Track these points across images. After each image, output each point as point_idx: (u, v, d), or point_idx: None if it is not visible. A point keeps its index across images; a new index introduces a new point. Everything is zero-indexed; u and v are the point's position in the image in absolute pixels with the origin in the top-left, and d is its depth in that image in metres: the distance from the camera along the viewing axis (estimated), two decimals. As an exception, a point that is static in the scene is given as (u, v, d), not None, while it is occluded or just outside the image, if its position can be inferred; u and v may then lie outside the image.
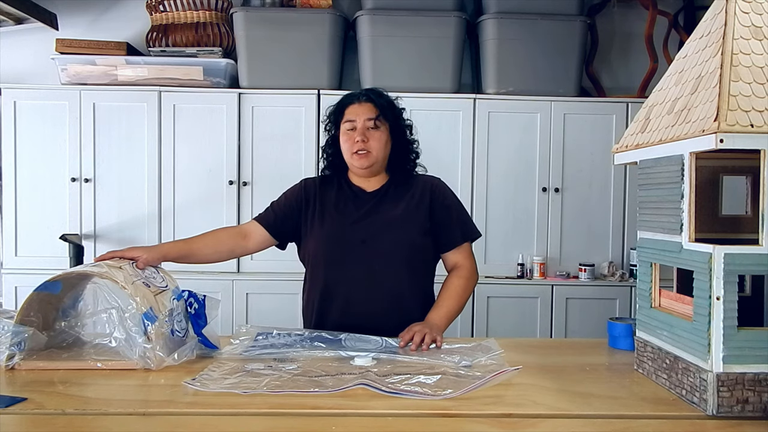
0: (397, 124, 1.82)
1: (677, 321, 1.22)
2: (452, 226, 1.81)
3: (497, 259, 3.23)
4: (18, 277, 3.15)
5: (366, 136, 1.74)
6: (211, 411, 1.14)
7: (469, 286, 1.81)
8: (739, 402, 1.11)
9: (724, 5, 1.19)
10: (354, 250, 1.74)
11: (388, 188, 1.82)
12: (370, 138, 1.75)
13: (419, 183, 1.84)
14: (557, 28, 3.17)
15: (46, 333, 1.46)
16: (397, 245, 1.74)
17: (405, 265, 1.75)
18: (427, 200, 1.80)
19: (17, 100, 3.18)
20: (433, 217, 1.79)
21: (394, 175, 1.84)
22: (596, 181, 3.24)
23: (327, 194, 1.82)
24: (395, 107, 1.84)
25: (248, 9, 3.24)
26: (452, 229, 1.81)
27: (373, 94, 1.80)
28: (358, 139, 1.74)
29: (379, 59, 3.19)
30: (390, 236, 1.74)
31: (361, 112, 1.76)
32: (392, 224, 1.76)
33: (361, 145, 1.74)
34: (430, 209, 1.79)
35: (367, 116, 1.75)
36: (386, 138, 1.78)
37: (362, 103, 1.78)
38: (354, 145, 1.74)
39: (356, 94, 1.81)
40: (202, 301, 1.52)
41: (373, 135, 1.75)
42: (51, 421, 1.09)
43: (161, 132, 3.19)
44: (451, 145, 3.21)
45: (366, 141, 1.74)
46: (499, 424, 1.09)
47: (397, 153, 1.83)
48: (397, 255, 1.74)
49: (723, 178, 1.41)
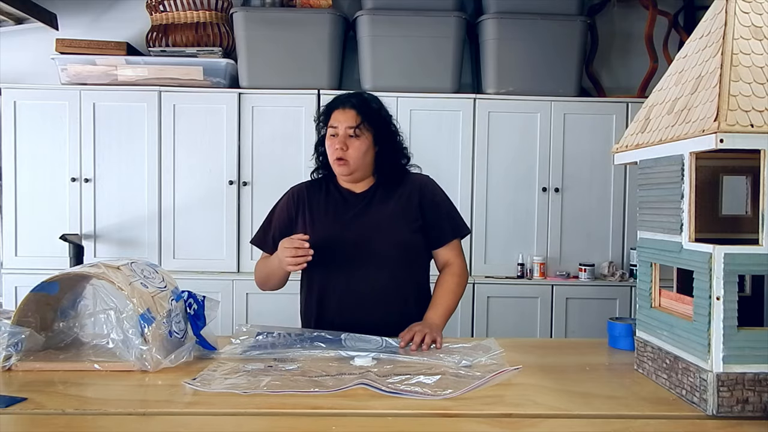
0: (382, 131, 1.79)
1: (677, 321, 1.22)
2: (442, 222, 1.82)
3: (497, 259, 3.23)
4: (18, 277, 3.15)
5: (345, 144, 1.73)
6: (211, 411, 1.14)
7: (463, 282, 1.83)
8: (739, 402, 1.11)
9: (724, 5, 1.19)
10: (347, 252, 1.74)
11: (377, 189, 1.81)
12: (350, 146, 1.73)
13: (408, 181, 1.84)
14: (557, 28, 3.17)
15: (44, 334, 1.46)
16: (389, 244, 1.75)
17: (398, 263, 1.76)
18: (417, 198, 1.80)
19: (17, 100, 3.18)
20: (423, 215, 1.80)
21: (381, 177, 1.82)
22: (596, 181, 3.24)
23: (315, 199, 1.83)
24: (381, 114, 1.80)
25: (248, 9, 3.24)
26: (442, 225, 1.82)
27: (358, 101, 1.77)
28: (337, 146, 1.73)
29: (379, 59, 3.19)
30: (381, 236, 1.75)
31: (343, 119, 1.74)
32: (382, 224, 1.76)
33: (339, 153, 1.73)
34: (420, 206, 1.80)
35: (348, 124, 1.73)
36: (367, 146, 1.76)
37: (346, 109, 1.75)
38: (334, 152, 1.74)
39: (343, 99, 1.78)
40: (202, 302, 1.51)
41: (352, 143, 1.74)
42: (51, 421, 1.09)
43: (161, 132, 3.19)
44: (451, 145, 3.21)
45: (345, 149, 1.73)
46: (499, 424, 1.09)
47: (384, 158, 1.80)
48: (389, 254, 1.75)
49: (723, 178, 1.41)
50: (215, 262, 3.20)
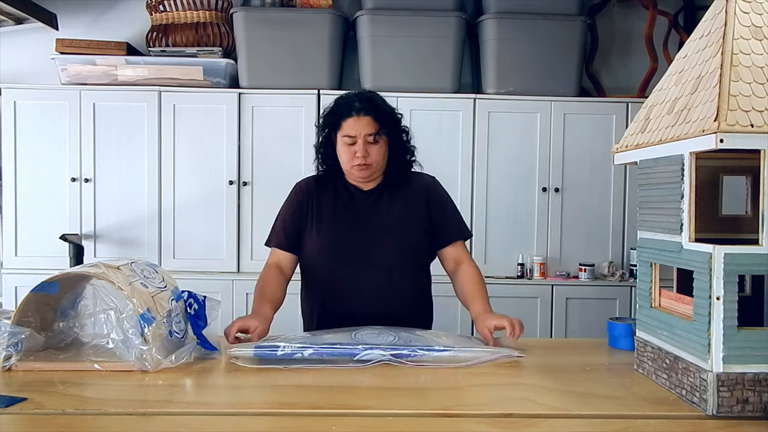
0: (397, 131, 1.80)
1: (677, 321, 1.22)
2: (449, 222, 1.83)
3: (497, 259, 3.22)
4: (18, 277, 3.15)
5: (366, 150, 1.72)
6: (211, 411, 1.14)
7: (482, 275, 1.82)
8: (739, 402, 1.11)
9: (724, 5, 1.19)
10: (354, 252, 1.74)
11: (384, 187, 1.82)
12: (371, 152, 1.73)
13: (414, 181, 1.84)
14: (557, 28, 3.17)
15: (44, 333, 1.46)
16: (396, 245, 1.76)
17: (403, 263, 1.76)
18: (424, 198, 1.81)
19: (17, 100, 3.18)
20: (429, 215, 1.80)
21: (389, 173, 1.82)
22: (596, 181, 3.24)
23: (323, 196, 1.81)
24: (394, 116, 1.80)
25: (248, 9, 3.24)
26: (449, 225, 1.83)
27: (372, 105, 1.74)
28: (359, 154, 1.71)
29: (379, 59, 3.19)
30: (389, 236, 1.75)
31: (361, 127, 1.71)
32: (391, 224, 1.77)
33: (362, 160, 1.72)
34: (427, 207, 1.80)
35: (368, 132, 1.71)
36: (385, 148, 1.77)
37: (361, 116, 1.72)
38: (354, 159, 1.72)
39: (354, 106, 1.73)
40: (203, 302, 1.51)
41: (372, 149, 1.73)
42: (51, 421, 1.09)
43: (161, 132, 3.19)
44: (451, 145, 3.21)
45: (367, 155, 1.72)
46: (499, 424, 1.09)
47: (395, 157, 1.81)
48: (395, 254, 1.75)
49: (723, 178, 1.41)
50: (215, 262, 3.20)
